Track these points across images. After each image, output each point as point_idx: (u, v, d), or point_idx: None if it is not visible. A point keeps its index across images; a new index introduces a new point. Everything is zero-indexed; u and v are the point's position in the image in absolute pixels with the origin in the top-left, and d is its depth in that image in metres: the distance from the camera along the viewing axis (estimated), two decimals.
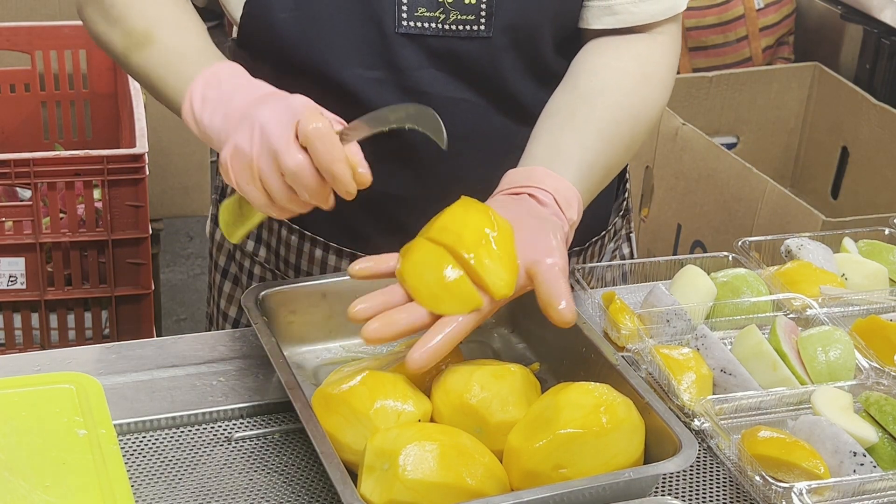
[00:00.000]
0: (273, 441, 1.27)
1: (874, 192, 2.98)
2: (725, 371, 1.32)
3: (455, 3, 1.39)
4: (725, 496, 1.23)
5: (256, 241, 1.59)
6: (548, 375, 1.35)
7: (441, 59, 1.41)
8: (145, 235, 2.30)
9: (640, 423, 1.18)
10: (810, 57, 3.30)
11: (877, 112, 2.95)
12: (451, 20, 1.39)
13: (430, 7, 1.39)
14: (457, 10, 1.39)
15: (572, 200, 1.31)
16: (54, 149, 2.65)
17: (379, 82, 1.41)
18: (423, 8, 1.39)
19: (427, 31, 1.40)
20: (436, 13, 1.39)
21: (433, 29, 1.40)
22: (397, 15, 1.38)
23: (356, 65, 1.40)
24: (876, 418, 1.25)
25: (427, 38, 1.40)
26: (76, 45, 2.68)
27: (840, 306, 1.46)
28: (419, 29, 1.39)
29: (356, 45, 1.40)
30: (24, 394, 1.24)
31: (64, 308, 2.34)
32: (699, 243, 2.89)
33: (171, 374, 1.35)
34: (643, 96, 1.44)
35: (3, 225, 2.26)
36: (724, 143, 3.07)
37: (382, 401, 1.19)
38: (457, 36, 1.40)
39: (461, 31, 1.40)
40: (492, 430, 1.20)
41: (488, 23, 1.40)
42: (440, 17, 1.39)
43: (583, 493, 1.11)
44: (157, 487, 1.20)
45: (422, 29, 1.39)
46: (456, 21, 1.40)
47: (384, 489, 1.11)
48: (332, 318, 1.37)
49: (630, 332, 1.38)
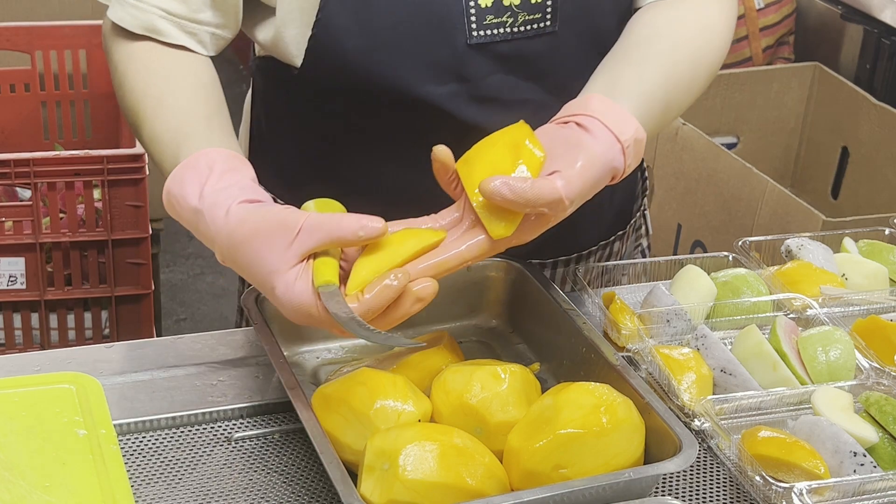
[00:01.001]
0: (273, 441, 1.27)
1: (874, 192, 2.97)
2: (725, 371, 1.32)
3: (522, 4, 1.38)
4: (725, 496, 1.23)
5: None
6: (548, 375, 1.35)
7: (509, 63, 1.40)
8: (145, 235, 2.30)
9: (641, 423, 1.18)
10: (810, 57, 3.30)
11: (877, 112, 2.95)
12: (519, 22, 1.39)
13: (499, 13, 1.38)
14: (524, 12, 1.39)
15: (625, 123, 1.26)
16: (54, 149, 2.65)
17: (451, 95, 1.40)
18: (492, 15, 1.38)
19: (497, 38, 1.39)
20: (504, 18, 1.39)
21: (503, 34, 1.39)
22: (468, 27, 1.38)
23: (429, 82, 1.38)
24: (876, 418, 1.25)
25: (497, 44, 1.39)
26: (76, 45, 2.68)
27: (840, 306, 1.46)
28: (490, 37, 1.39)
29: (427, 64, 1.38)
30: (24, 394, 1.24)
31: (64, 308, 2.34)
32: (699, 243, 2.88)
33: (171, 374, 1.35)
34: (701, 44, 1.42)
35: (3, 225, 2.26)
36: (724, 143, 3.07)
37: (382, 401, 1.19)
38: (525, 36, 1.40)
39: (529, 31, 1.40)
40: (492, 430, 1.20)
41: (554, 17, 1.40)
42: (508, 22, 1.39)
43: (583, 494, 1.11)
44: (157, 487, 1.20)
45: (492, 36, 1.39)
46: (524, 22, 1.39)
47: (384, 489, 1.11)
48: None
49: (630, 332, 1.38)
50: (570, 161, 1.19)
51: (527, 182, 1.15)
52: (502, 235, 1.16)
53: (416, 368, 1.29)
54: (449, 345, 1.32)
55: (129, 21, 1.39)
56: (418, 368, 1.29)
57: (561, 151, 1.20)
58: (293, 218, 1.14)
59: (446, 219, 1.19)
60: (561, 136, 1.23)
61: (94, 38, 2.66)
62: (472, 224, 1.18)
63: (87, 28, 2.69)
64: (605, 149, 1.23)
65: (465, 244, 1.16)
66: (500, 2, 1.38)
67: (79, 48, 2.68)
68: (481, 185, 1.15)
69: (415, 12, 1.37)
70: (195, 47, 1.40)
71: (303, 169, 1.53)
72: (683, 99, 1.42)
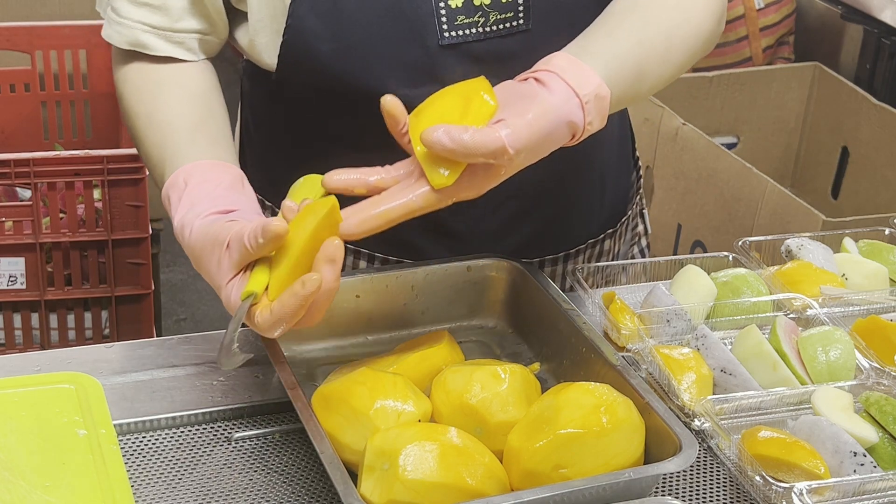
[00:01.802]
0: (273, 441, 1.27)
1: (874, 192, 2.97)
2: (725, 371, 1.32)
3: (493, 3, 1.38)
4: (725, 496, 1.23)
5: None
6: (548, 375, 1.35)
7: (484, 62, 1.40)
8: (145, 235, 2.30)
9: (641, 423, 1.18)
10: (810, 57, 3.30)
11: (877, 112, 2.95)
12: (491, 22, 1.39)
13: (469, 13, 1.38)
14: (496, 10, 1.39)
15: (585, 78, 1.23)
16: (54, 149, 2.65)
17: (426, 96, 1.39)
18: (463, 16, 1.38)
19: (469, 38, 1.39)
20: (475, 18, 1.38)
21: (475, 34, 1.39)
22: (438, 28, 1.38)
23: (402, 85, 1.37)
24: (876, 418, 1.25)
25: (469, 44, 1.39)
26: (76, 45, 2.68)
27: (840, 306, 1.46)
28: (462, 37, 1.38)
29: (400, 66, 1.38)
30: (24, 394, 1.24)
31: (64, 308, 2.34)
32: (699, 243, 2.89)
33: (171, 374, 1.35)
34: (678, 19, 1.39)
35: (3, 225, 2.26)
36: (724, 143, 3.07)
37: (382, 401, 1.19)
38: (498, 35, 1.40)
39: (502, 30, 1.40)
40: (492, 430, 1.20)
41: (527, 15, 1.40)
42: (480, 22, 1.38)
43: (583, 493, 1.11)
44: (157, 487, 1.20)
45: (464, 37, 1.39)
46: (496, 21, 1.39)
47: (384, 489, 1.11)
48: (332, 318, 1.37)
49: (630, 332, 1.38)
50: (520, 111, 1.17)
51: (468, 131, 1.12)
52: (443, 184, 1.14)
53: (416, 368, 1.29)
54: (449, 345, 1.32)
55: (117, 38, 1.41)
56: (418, 368, 1.29)
57: (513, 102, 1.18)
58: (224, 233, 1.17)
59: (400, 171, 1.18)
60: (517, 90, 1.21)
61: (93, 38, 2.67)
62: (419, 175, 1.16)
63: (87, 28, 2.69)
64: (561, 102, 1.20)
65: (408, 196, 1.15)
66: (470, 2, 1.37)
67: (79, 48, 2.68)
68: (422, 133, 1.13)
69: (384, 14, 1.36)
70: (184, 55, 1.41)
71: (287, 170, 1.53)
72: (658, 70, 1.38)
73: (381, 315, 1.40)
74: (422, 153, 1.15)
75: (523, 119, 1.16)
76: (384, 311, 1.40)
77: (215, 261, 1.17)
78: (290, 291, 1.11)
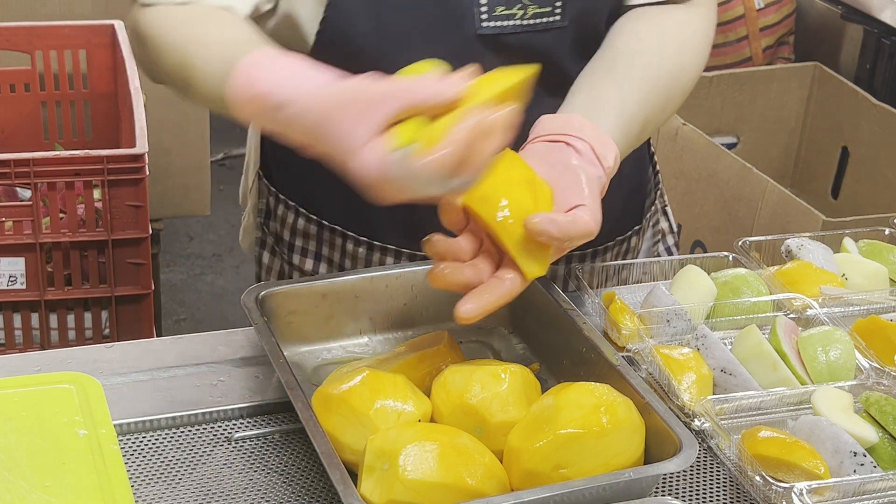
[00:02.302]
0: (273, 441, 1.27)
1: (874, 192, 2.97)
2: (726, 371, 1.32)
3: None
4: (725, 496, 1.23)
5: (315, 259, 1.58)
6: (548, 375, 1.35)
7: (516, 55, 1.40)
8: (145, 235, 2.29)
9: (641, 423, 1.18)
10: (810, 57, 3.30)
11: (877, 112, 2.95)
12: (529, 15, 1.40)
13: (509, 4, 1.39)
14: (535, 4, 1.40)
15: (608, 149, 1.29)
16: (54, 149, 2.65)
17: None
18: (502, 7, 1.39)
19: (506, 30, 1.40)
20: (514, 10, 1.40)
21: (512, 26, 1.40)
22: (477, 17, 1.38)
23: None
24: (876, 418, 1.25)
25: (506, 35, 1.40)
26: (76, 45, 2.67)
27: (840, 306, 1.46)
28: (499, 28, 1.40)
29: (436, 53, 1.37)
30: (24, 394, 1.24)
31: (64, 308, 2.34)
32: (699, 243, 2.89)
33: (171, 374, 1.35)
34: (681, 62, 1.45)
35: (3, 225, 2.26)
36: (724, 143, 3.07)
37: (382, 401, 1.19)
38: (534, 30, 1.41)
39: (538, 25, 1.41)
40: (492, 430, 1.20)
41: (564, 12, 1.41)
42: (518, 14, 1.40)
43: (583, 494, 1.11)
44: (157, 487, 1.20)
45: (501, 28, 1.40)
46: (534, 15, 1.40)
47: (384, 489, 1.11)
48: (332, 318, 1.37)
49: (630, 332, 1.38)
50: (582, 192, 1.22)
51: (569, 218, 1.18)
52: (538, 275, 1.19)
53: (416, 368, 1.29)
54: (449, 345, 1.32)
55: None
56: (418, 368, 1.29)
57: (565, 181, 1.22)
58: (368, 89, 1.09)
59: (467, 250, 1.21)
60: (557, 161, 1.25)
61: (94, 38, 2.66)
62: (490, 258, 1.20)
63: (87, 28, 2.68)
64: (598, 172, 1.27)
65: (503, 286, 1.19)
66: None
67: (79, 48, 2.68)
68: (527, 222, 1.16)
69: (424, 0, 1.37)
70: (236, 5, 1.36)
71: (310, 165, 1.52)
72: (660, 117, 1.45)
73: (381, 315, 1.40)
74: (515, 243, 1.18)
75: (595, 202, 1.22)
76: (384, 311, 1.40)
77: (352, 119, 1.07)
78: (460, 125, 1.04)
